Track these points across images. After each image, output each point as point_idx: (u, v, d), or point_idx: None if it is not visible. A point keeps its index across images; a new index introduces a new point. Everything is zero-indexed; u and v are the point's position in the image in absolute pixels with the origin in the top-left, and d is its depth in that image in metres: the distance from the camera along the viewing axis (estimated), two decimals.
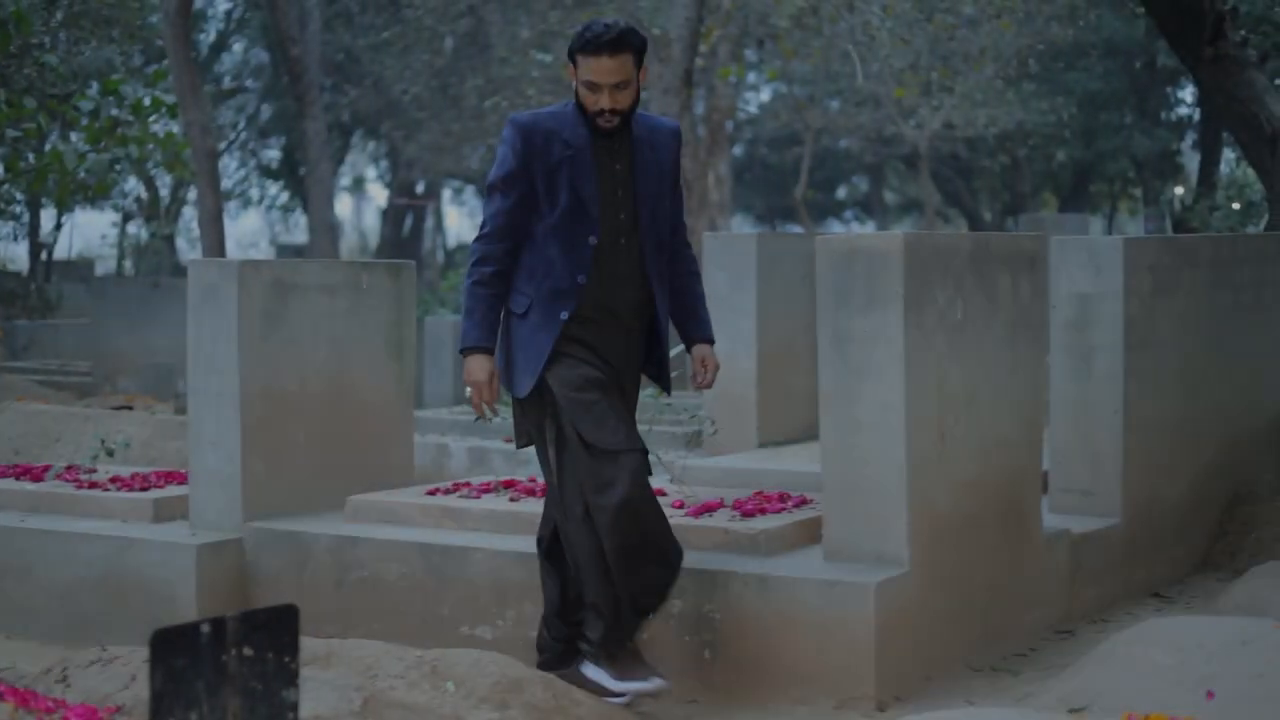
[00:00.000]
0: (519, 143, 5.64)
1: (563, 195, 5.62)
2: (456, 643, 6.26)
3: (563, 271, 5.63)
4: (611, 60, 5.52)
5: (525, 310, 5.66)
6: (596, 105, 5.58)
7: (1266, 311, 8.40)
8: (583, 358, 5.62)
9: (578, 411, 5.52)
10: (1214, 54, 13.64)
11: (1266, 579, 6.48)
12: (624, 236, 5.71)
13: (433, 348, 14.11)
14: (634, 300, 5.74)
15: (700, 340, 5.99)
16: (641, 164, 5.74)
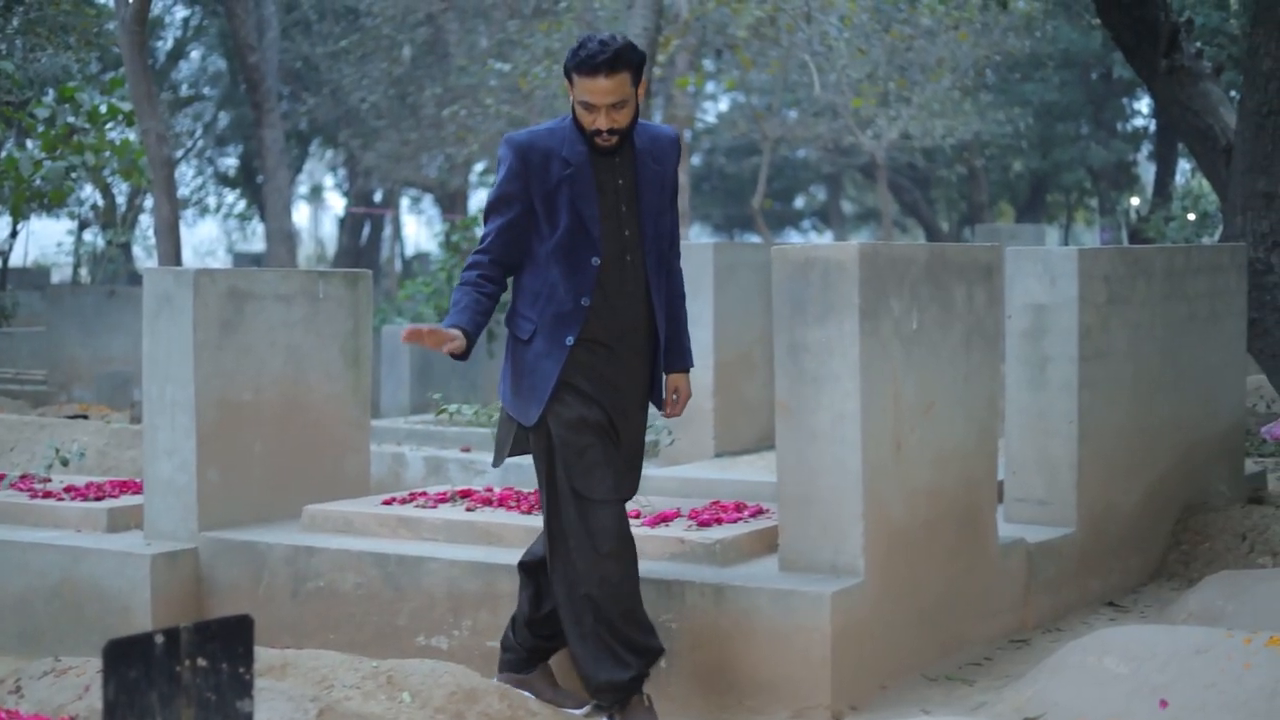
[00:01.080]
0: (516, 163, 5.51)
1: (563, 216, 5.47)
2: (412, 653, 6.25)
3: (566, 295, 5.49)
4: (608, 80, 5.36)
5: (530, 336, 5.52)
6: (593, 125, 5.43)
7: (1220, 322, 8.45)
8: (586, 392, 5.48)
9: (570, 456, 5.43)
10: (1169, 66, 13.72)
11: (1220, 588, 6.51)
12: (628, 254, 5.57)
13: (389, 357, 14.07)
14: (639, 318, 5.61)
15: (678, 369, 5.83)
16: (645, 178, 5.60)
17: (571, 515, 5.44)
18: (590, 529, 5.44)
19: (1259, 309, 11.94)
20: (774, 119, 29.25)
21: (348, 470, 7.57)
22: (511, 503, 6.94)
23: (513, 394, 5.58)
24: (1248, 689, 4.96)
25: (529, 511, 6.78)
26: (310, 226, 52.79)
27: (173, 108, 30.02)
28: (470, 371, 14.28)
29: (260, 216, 32.29)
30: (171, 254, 15.53)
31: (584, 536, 5.44)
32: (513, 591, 6.15)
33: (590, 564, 5.44)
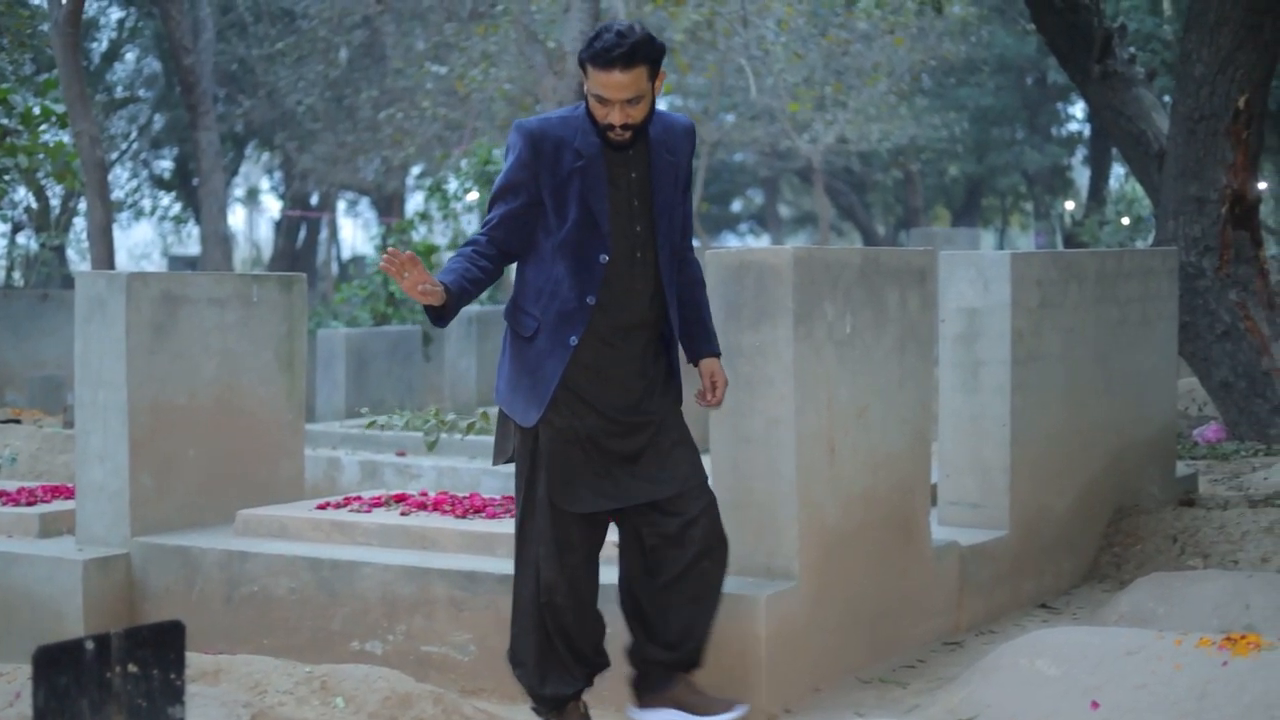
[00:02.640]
0: (526, 151, 5.27)
1: (572, 209, 5.24)
2: (346, 658, 6.24)
3: (571, 292, 5.25)
4: (623, 75, 5.12)
5: (533, 333, 5.30)
6: (606, 120, 5.20)
7: (1152, 326, 8.51)
8: (586, 396, 5.28)
9: (552, 464, 5.28)
10: (1102, 71, 13.82)
11: (1151, 590, 6.56)
12: (639, 250, 5.34)
13: (325, 360, 14.03)
14: (648, 317, 5.38)
15: (709, 354, 5.58)
16: (659, 170, 5.36)
17: (544, 523, 5.32)
18: (560, 539, 5.33)
19: (1191, 313, 12.04)
20: (711, 123, 29.31)
21: (282, 475, 7.54)
22: (446, 507, 6.93)
23: (511, 392, 5.37)
24: (1178, 690, 4.99)
25: (464, 515, 6.78)
26: (246, 229, 52.57)
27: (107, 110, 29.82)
28: (406, 375, 14.25)
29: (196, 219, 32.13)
30: (104, 257, 15.44)
31: (553, 545, 5.33)
32: (448, 595, 6.15)
33: (557, 573, 5.34)
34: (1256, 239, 12.39)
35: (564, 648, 5.44)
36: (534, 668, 5.46)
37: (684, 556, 5.35)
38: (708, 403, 5.57)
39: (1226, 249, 12.20)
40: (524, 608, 5.44)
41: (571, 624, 5.43)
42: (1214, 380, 12.41)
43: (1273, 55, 12.31)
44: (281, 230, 36.52)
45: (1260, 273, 12.32)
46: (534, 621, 5.42)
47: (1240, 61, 12.05)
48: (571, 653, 5.46)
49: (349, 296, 18.51)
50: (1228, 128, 12.15)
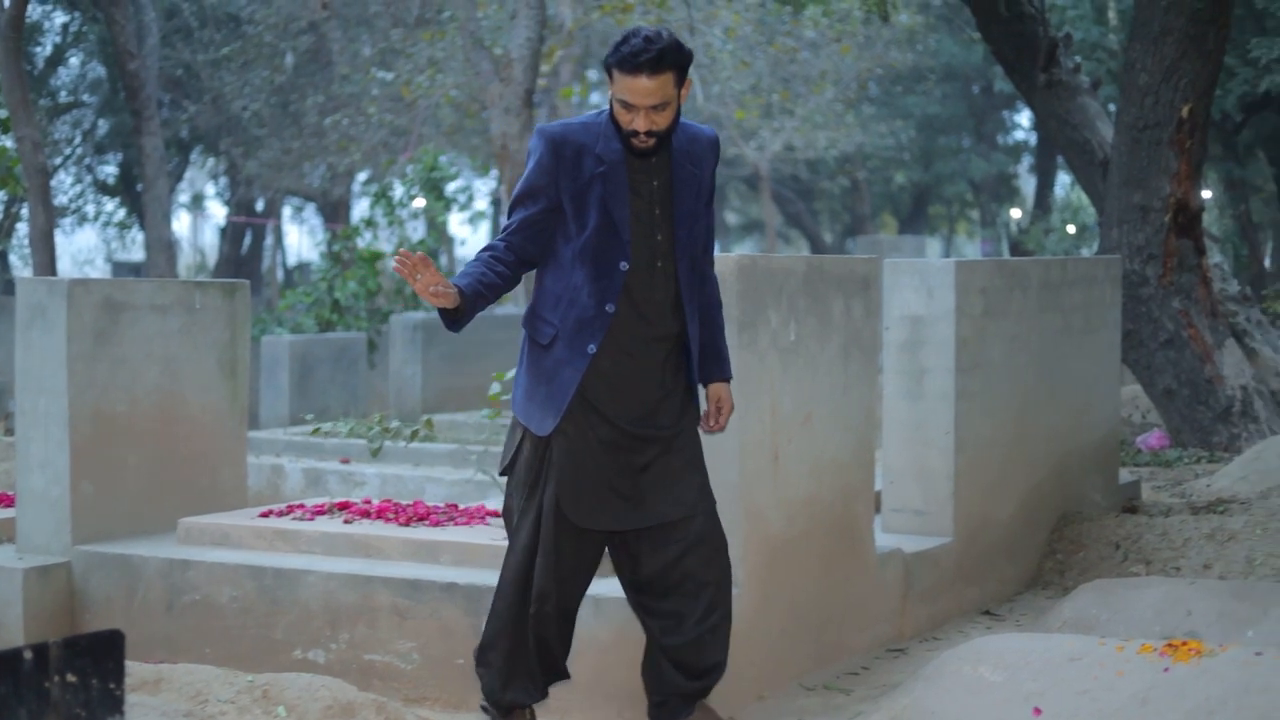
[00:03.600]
0: (547, 156, 5.19)
1: (593, 215, 5.16)
2: (289, 667, 6.21)
3: (590, 300, 5.16)
4: (650, 80, 5.03)
5: (550, 340, 5.20)
6: (630, 126, 5.12)
7: (1095, 333, 8.55)
8: (604, 407, 5.19)
9: (564, 475, 5.18)
10: (1047, 80, 13.90)
11: (1094, 596, 6.58)
12: (659, 260, 5.23)
13: (269, 367, 13.96)
14: (668, 329, 5.27)
15: (719, 379, 5.47)
16: (681, 180, 5.27)
17: (547, 532, 5.22)
18: (560, 550, 5.25)
19: (1134, 320, 12.11)
20: None
21: (224, 482, 7.50)
22: (390, 515, 6.90)
23: (527, 400, 5.27)
24: (1120, 696, 5.01)
25: (407, 523, 6.75)
26: (191, 235, 52.34)
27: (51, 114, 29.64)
28: (350, 382, 14.21)
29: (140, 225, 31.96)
30: (46, 263, 15.34)
31: (553, 555, 5.24)
32: (391, 604, 6.13)
33: (552, 584, 5.27)
34: (1200, 247, 12.47)
35: (538, 658, 5.39)
36: (500, 671, 5.39)
37: (689, 585, 5.27)
38: (710, 428, 5.49)
39: (1170, 257, 12.27)
40: (504, 612, 5.36)
41: (554, 635, 5.38)
42: (1157, 388, 12.48)
43: (1216, 65, 12.40)
44: (227, 236, 36.36)
45: (1203, 281, 12.41)
46: (512, 627, 5.35)
47: (1184, 71, 12.13)
48: (543, 664, 5.41)
49: (294, 303, 18.45)
50: (1171, 137, 12.22)
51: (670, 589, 5.31)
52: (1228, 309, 12.88)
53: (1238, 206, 30.47)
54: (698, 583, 5.29)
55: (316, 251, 30.52)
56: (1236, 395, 12.15)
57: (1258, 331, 13.07)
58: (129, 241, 40.05)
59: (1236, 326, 12.86)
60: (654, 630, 5.36)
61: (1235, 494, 9.46)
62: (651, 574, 5.31)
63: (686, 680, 5.37)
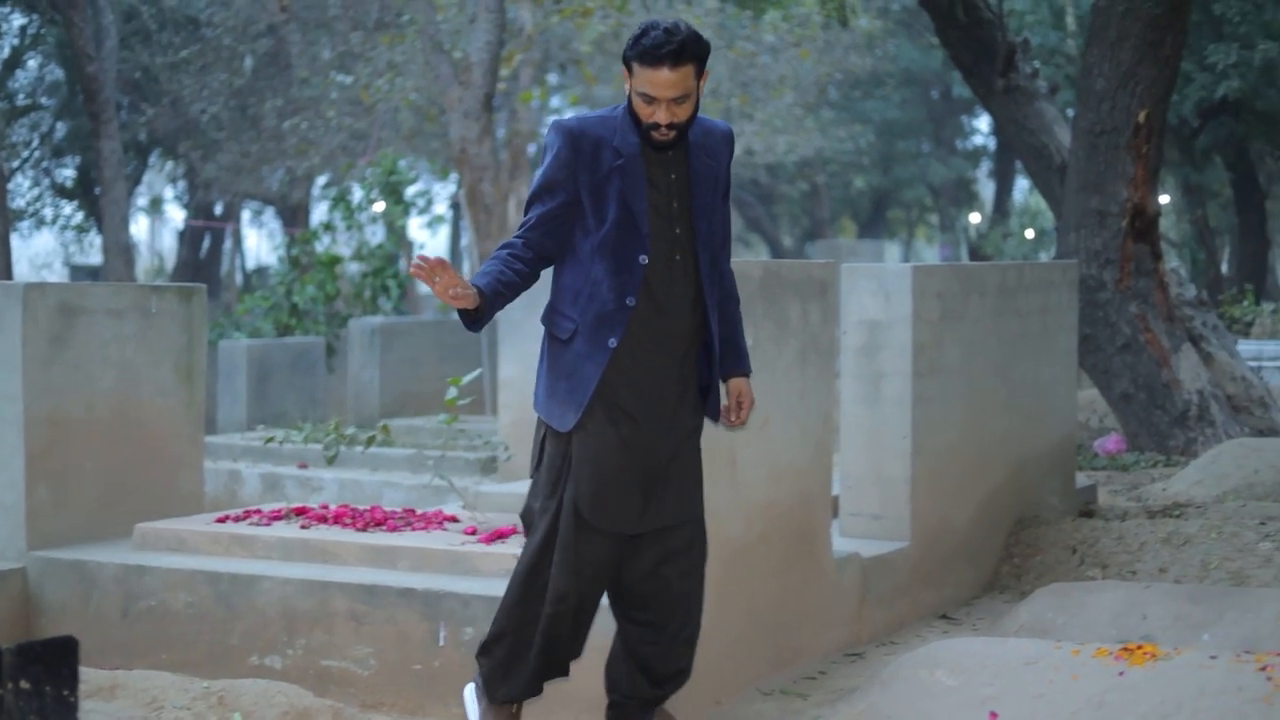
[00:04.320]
0: (565, 150, 5.15)
1: (611, 209, 5.13)
2: (245, 673, 6.18)
3: (610, 294, 5.12)
4: (672, 73, 5.00)
5: (570, 335, 5.15)
6: (651, 119, 5.09)
7: (1052, 338, 8.57)
8: (625, 403, 5.14)
9: (583, 475, 5.13)
10: (1005, 85, 13.96)
11: (1050, 600, 6.60)
12: (678, 253, 5.21)
13: (227, 372, 13.91)
14: (687, 323, 5.24)
15: (739, 373, 5.44)
16: (698, 173, 5.25)
17: (568, 532, 5.16)
18: (580, 551, 5.17)
19: (1092, 325, 12.15)
20: None
21: (181, 487, 7.47)
22: (347, 520, 6.88)
23: (548, 397, 5.21)
24: (1075, 700, 5.03)
25: (364, 529, 6.73)
26: (149, 239, 52.12)
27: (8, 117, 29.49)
28: (309, 386, 14.17)
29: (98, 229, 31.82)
30: (3, 267, 15.29)
31: (573, 555, 5.17)
32: (348, 609, 6.11)
33: (571, 584, 5.19)
34: (1156, 252, 12.53)
35: (544, 657, 5.30)
36: (501, 663, 5.31)
37: (667, 595, 5.24)
38: (732, 423, 5.47)
39: (1127, 262, 12.33)
40: (513, 608, 5.28)
41: (566, 636, 5.30)
42: (1114, 392, 12.54)
43: (1172, 71, 12.47)
44: (185, 240, 36.23)
45: (1160, 286, 12.47)
46: (519, 624, 5.27)
47: (1141, 77, 12.19)
48: (549, 664, 5.33)
49: (251, 307, 18.38)
50: (1128, 142, 12.29)
51: (649, 598, 5.28)
52: (1184, 314, 12.95)
53: (1195, 211, 30.62)
54: (676, 593, 5.27)
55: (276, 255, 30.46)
56: (1193, 399, 12.21)
57: (1214, 336, 13.14)
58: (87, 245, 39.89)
59: (1193, 331, 12.92)
60: (631, 636, 5.34)
61: (1191, 498, 9.51)
62: (630, 581, 5.28)
63: (650, 687, 5.36)
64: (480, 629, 5.87)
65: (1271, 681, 4.84)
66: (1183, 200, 32.10)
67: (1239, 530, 7.67)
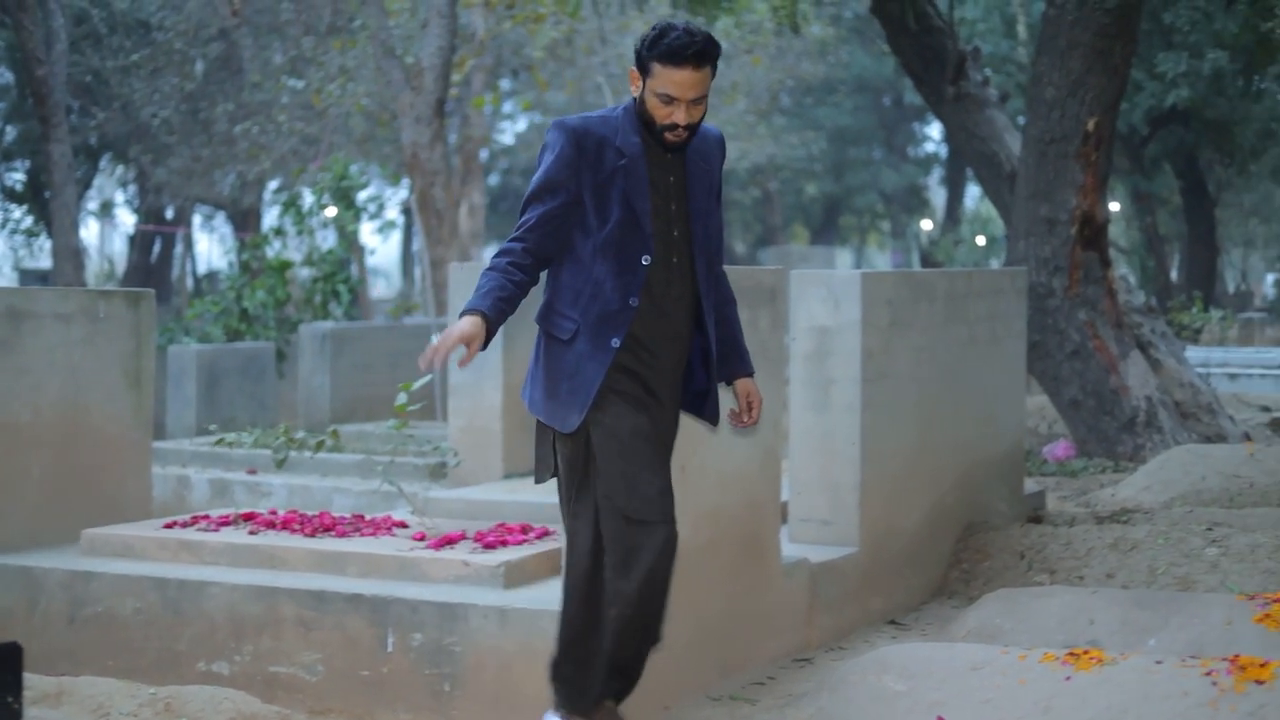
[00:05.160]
0: (568, 149, 5.12)
1: (615, 209, 5.11)
2: (193, 679, 6.16)
3: (613, 294, 5.11)
4: (695, 73, 5.02)
5: (571, 336, 5.13)
6: (669, 119, 5.09)
7: (1000, 344, 8.61)
8: (633, 398, 5.14)
9: (613, 471, 5.09)
10: (956, 93, 14.01)
11: (998, 605, 6.62)
12: (676, 255, 5.21)
13: (176, 377, 13.85)
14: (685, 325, 5.26)
15: (744, 374, 5.48)
16: (694, 176, 5.26)
17: (613, 532, 5.11)
18: (634, 547, 5.11)
19: (1041, 332, 12.21)
20: None
21: (128, 493, 7.43)
22: (296, 525, 6.86)
23: (547, 398, 5.17)
24: (1022, 705, 5.06)
25: (313, 534, 6.72)
26: (99, 243, 51.85)
27: None
28: (258, 391, 14.11)
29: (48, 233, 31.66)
30: None
31: (626, 554, 5.11)
32: (296, 615, 6.09)
33: (627, 583, 5.12)
34: (1105, 260, 12.60)
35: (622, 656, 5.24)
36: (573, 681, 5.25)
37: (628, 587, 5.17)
38: (744, 423, 5.49)
39: (1076, 269, 12.39)
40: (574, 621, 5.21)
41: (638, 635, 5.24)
42: (1063, 398, 12.59)
43: (1122, 79, 12.54)
44: (136, 244, 36.06)
45: (1109, 293, 12.53)
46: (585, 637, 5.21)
47: (1090, 85, 12.26)
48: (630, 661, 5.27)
49: (201, 312, 18.31)
50: (1078, 150, 12.35)
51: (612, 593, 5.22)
52: (1133, 320, 13.02)
53: (1145, 219, 30.81)
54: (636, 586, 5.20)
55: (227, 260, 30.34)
56: (1141, 406, 12.27)
57: (1162, 343, 13.22)
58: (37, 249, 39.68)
59: (1141, 338, 13.00)
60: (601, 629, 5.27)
61: (1139, 503, 9.56)
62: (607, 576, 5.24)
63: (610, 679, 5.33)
64: (428, 634, 5.87)
65: (1217, 686, 4.87)
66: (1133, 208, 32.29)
67: (1186, 536, 7.71)
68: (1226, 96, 24.59)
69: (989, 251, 37.99)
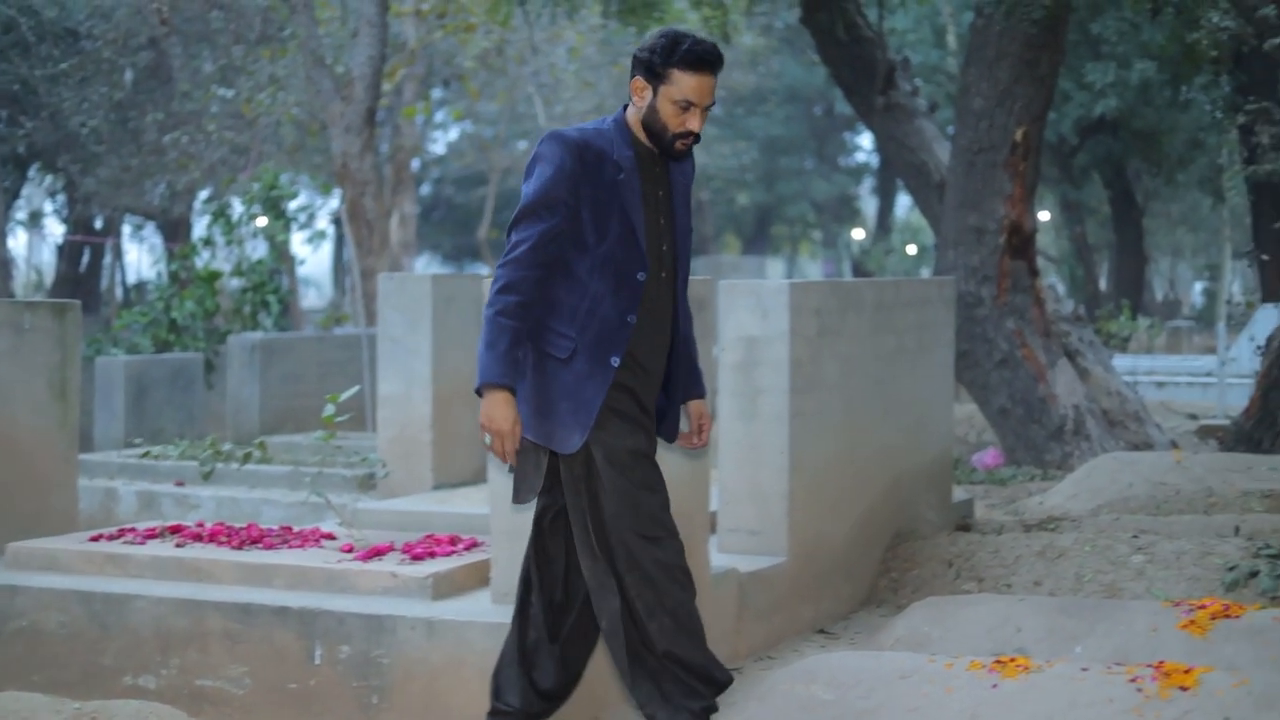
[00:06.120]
0: (569, 161, 5.03)
1: (613, 224, 5.05)
2: (119, 693, 6.12)
3: (611, 311, 5.06)
4: (712, 79, 5.05)
5: (569, 355, 5.05)
6: (683, 127, 5.07)
7: (929, 353, 8.64)
8: (629, 417, 5.10)
9: (620, 493, 5.07)
10: (886, 103, 14.07)
11: (926, 614, 6.64)
12: (664, 270, 5.19)
13: (104, 389, 13.74)
14: (666, 341, 5.25)
15: (697, 395, 5.46)
16: (678, 189, 5.26)
17: (626, 551, 5.09)
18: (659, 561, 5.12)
19: (970, 340, 12.28)
20: (502, 149, 29.30)
21: (54, 506, 7.38)
22: (222, 538, 6.83)
23: (540, 417, 5.09)
24: (949, 712, 5.08)
25: (240, 547, 6.68)
26: (27, 254, 51.46)
27: None
28: (187, 403, 14.02)
29: None
30: None
31: (650, 569, 5.10)
32: (223, 628, 6.07)
33: (657, 596, 5.12)
34: (1033, 269, 12.68)
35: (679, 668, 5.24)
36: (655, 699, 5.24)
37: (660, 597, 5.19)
38: (694, 445, 5.48)
39: (1004, 278, 12.46)
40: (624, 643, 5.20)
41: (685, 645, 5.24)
42: (992, 407, 12.67)
43: (1049, 89, 12.63)
44: (64, 255, 35.81)
45: (1037, 302, 12.62)
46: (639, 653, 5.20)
47: (1018, 95, 12.34)
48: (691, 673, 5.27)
49: (130, 323, 18.18)
50: (1006, 160, 12.43)
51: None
52: (1061, 329, 13.10)
53: (1074, 228, 31.03)
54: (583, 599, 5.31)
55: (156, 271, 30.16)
56: (1069, 414, 12.35)
57: (1090, 351, 13.31)
58: None
59: (1069, 346, 13.08)
60: None
61: (1066, 511, 9.61)
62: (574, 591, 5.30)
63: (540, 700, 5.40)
64: (356, 647, 5.86)
65: (1142, 693, 4.91)
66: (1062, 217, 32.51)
67: (1112, 543, 7.76)
68: (1154, 106, 24.80)
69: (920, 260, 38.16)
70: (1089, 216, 32.38)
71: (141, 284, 40.00)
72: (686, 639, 5.25)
